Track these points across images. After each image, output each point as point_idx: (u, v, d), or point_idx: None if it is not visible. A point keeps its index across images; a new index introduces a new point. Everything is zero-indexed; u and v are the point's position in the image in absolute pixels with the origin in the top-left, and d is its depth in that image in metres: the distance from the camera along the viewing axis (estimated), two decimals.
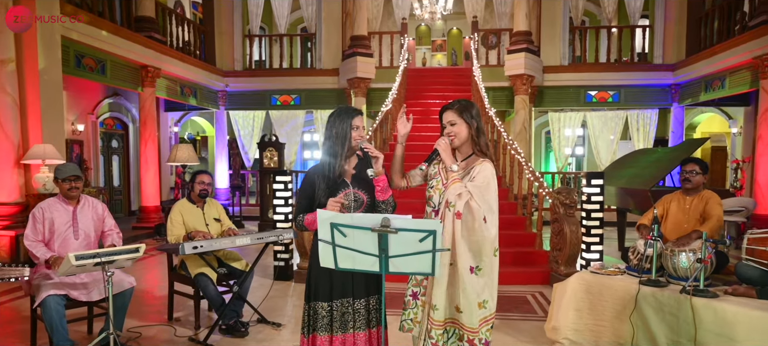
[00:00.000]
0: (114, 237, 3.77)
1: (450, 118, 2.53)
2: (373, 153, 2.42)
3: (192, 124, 15.42)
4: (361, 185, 2.47)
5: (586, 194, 5.79)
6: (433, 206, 2.53)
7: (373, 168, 2.42)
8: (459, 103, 2.56)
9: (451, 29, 17.12)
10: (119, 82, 8.74)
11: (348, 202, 2.46)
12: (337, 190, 2.47)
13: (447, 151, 2.47)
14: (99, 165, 10.58)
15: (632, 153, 8.85)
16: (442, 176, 2.54)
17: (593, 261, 5.74)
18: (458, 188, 2.36)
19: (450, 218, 2.37)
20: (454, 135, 2.50)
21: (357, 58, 10.93)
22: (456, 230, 2.37)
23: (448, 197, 2.36)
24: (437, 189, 2.53)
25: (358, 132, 2.49)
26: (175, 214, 4.20)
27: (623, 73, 11.72)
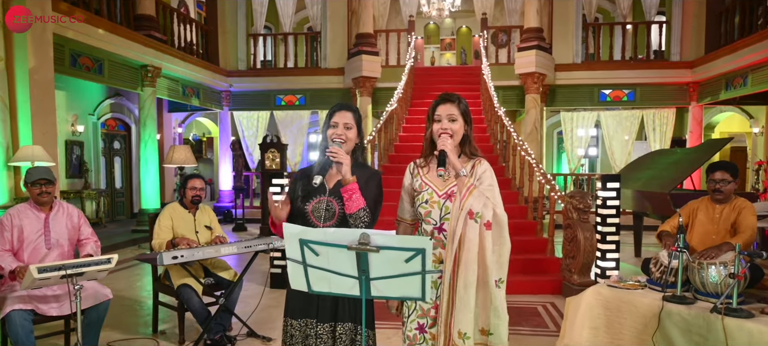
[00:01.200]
0: (91, 246, 3.50)
1: (451, 112, 2.18)
2: (336, 156, 2.09)
3: (197, 125, 15.25)
4: (340, 195, 2.15)
5: (602, 198, 5.44)
6: (433, 223, 2.17)
7: (339, 174, 2.11)
8: (459, 97, 2.24)
9: (460, 27, 16.77)
10: (118, 83, 8.52)
11: (318, 212, 2.17)
12: (312, 196, 2.19)
13: (455, 153, 2.13)
14: (100, 167, 10.39)
15: (650, 154, 8.45)
16: (434, 185, 2.20)
17: (609, 269, 5.40)
18: (481, 195, 2.04)
19: (476, 230, 2.01)
20: (453, 133, 2.16)
21: (362, 56, 10.64)
22: (487, 244, 2.03)
23: (471, 206, 2.00)
24: (434, 202, 2.17)
25: (336, 130, 2.18)
26: (164, 218, 3.93)
27: (639, 71, 11.30)
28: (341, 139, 2.18)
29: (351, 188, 2.10)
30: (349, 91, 11.57)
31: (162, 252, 3.34)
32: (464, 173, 2.07)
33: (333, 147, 2.11)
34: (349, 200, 2.10)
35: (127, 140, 11.25)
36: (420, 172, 2.27)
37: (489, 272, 2.05)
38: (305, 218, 2.19)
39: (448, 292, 2.03)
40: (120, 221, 10.64)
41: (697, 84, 11.13)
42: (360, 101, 10.97)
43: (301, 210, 2.19)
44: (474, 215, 2.01)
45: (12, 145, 5.90)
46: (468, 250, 2.01)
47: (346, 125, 2.22)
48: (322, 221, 2.18)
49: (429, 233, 2.19)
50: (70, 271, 2.84)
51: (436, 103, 2.23)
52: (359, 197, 2.11)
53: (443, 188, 2.18)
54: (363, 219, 2.11)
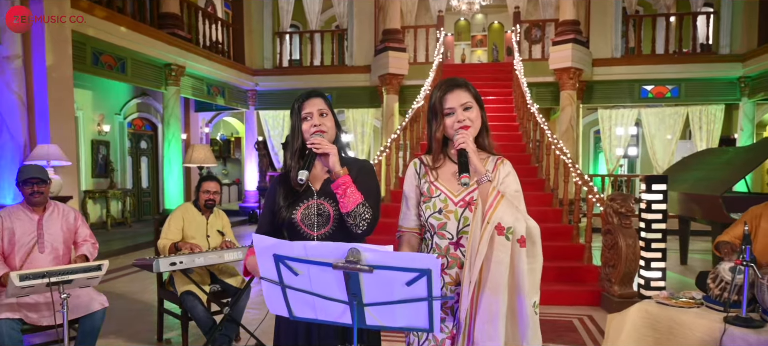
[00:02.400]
0: (88, 249, 3.28)
1: (464, 100, 1.80)
2: (321, 147, 1.77)
3: (225, 125, 15.23)
4: (332, 195, 1.82)
5: (646, 201, 4.95)
6: (449, 238, 1.81)
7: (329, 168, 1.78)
8: (466, 80, 1.88)
9: (492, 23, 16.24)
10: (141, 81, 8.44)
11: (308, 219, 1.85)
12: (299, 200, 1.87)
13: (476, 151, 1.73)
14: (127, 166, 10.39)
15: (698, 154, 7.84)
16: (448, 190, 1.83)
17: (653, 280, 4.90)
18: (510, 205, 1.67)
19: (507, 249, 1.64)
20: (472, 124, 1.78)
21: (389, 53, 10.31)
22: (522, 265, 1.66)
23: (501, 220, 1.62)
24: (450, 212, 1.80)
25: (310, 122, 1.86)
26: (174, 218, 3.68)
27: (684, 65, 10.59)
28: (321, 129, 1.85)
29: (343, 181, 1.76)
30: (375, 89, 11.27)
31: (159, 258, 3.09)
32: (488, 177, 1.68)
33: (315, 138, 1.78)
34: (343, 197, 1.76)
35: (153, 140, 11.23)
36: (429, 173, 1.89)
37: (526, 294, 1.67)
38: (295, 229, 1.87)
39: (466, 325, 1.67)
40: (146, 221, 10.61)
41: (749, 79, 10.36)
42: (386, 99, 10.65)
43: (289, 220, 1.87)
44: (505, 230, 1.63)
45: (29, 144, 5.80)
46: (496, 274, 1.63)
47: (321, 112, 1.88)
48: (316, 228, 1.85)
49: (443, 249, 1.83)
50: (56, 279, 2.61)
51: (443, 93, 1.83)
52: (355, 190, 1.77)
53: (460, 194, 1.81)
54: (364, 216, 1.77)
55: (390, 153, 6.69)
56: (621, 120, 11.57)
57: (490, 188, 1.68)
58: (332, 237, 1.85)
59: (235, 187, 15.25)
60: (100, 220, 9.52)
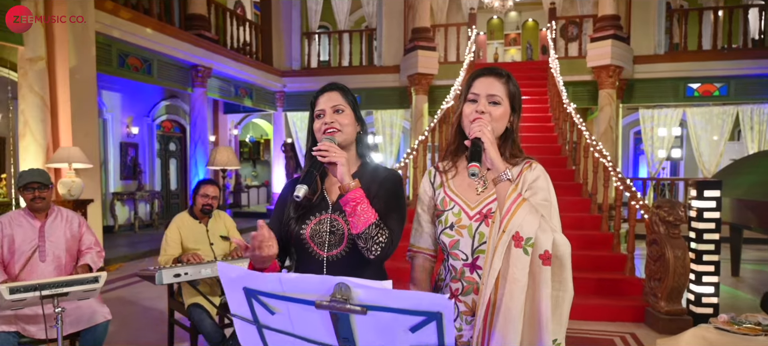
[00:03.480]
0: (92, 258, 3.11)
1: (493, 91, 1.51)
2: (326, 155, 1.46)
3: (254, 127, 15.22)
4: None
5: (696, 209, 4.50)
6: (463, 258, 1.52)
7: (339, 178, 1.48)
8: (509, 74, 1.57)
9: (526, 21, 15.74)
10: (167, 82, 8.39)
11: (319, 236, 1.58)
12: (311, 213, 1.60)
13: (494, 143, 1.43)
14: (155, 168, 10.41)
15: (752, 156, 7.26)
16: (463, 199, 1.54)
17: (705, 296, 4.45)
18: (533, 211, 1.36)
19: (525, 264, 1.32)
20: (492, 118, 1.49)
21: (418, 52, 10.01)
22: (543, 288, 1.34)
23: (520, 228, 1.33)
24: (463, 227, 1.51)
25: (322, 121, 1.59)
26: (171, 232, 3.48)
27: (734, 61, 9.89)
28: (332, 129, 1.57)
29: (353, 196, 1.47)
30: (405, 90, 10.98)
31: (162, 269, 2.88)
32: (508, 176, 1.38)
33: (321, 143, 1.49)
34: (352, 215, 1.47)
35: (182, 142, 11.24)
36: (443, 180, 1.60)
37: (545, 331, 1.35)
38: (303, 246, 1.60)
39: None
40: None
41: None
42: (415, 100, 10.36)
43: (297, 236, 1.60)
44: (523, 240, 1.33)
45: (52, 146, 5.76)
46: (510, 298, 1.33)
47: (336, 108, 1.59)
48: (327, 248, 1.58)
49: (458, 271, 1.53)
50: (48, 291, 2.43)
51: (474, 76, 1.55)
52: (367, 208, 1.48)
53: (477, 205, 1.52)
54: (377, 239, 1.48)
55: (417, 156, 6.39)
56: (664, 121, 10.94)
57: (510, 188, 1.37)
58: (345, 260, 1.58)
59: (264, 189, 15.22)
60: (127, 222, 9.55)
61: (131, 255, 7.60)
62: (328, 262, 1.58)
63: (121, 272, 6.66)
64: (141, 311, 4.92)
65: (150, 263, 7.03)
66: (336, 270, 1.57)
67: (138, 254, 7.68)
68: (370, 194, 1.54)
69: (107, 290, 5.71)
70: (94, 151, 6.11)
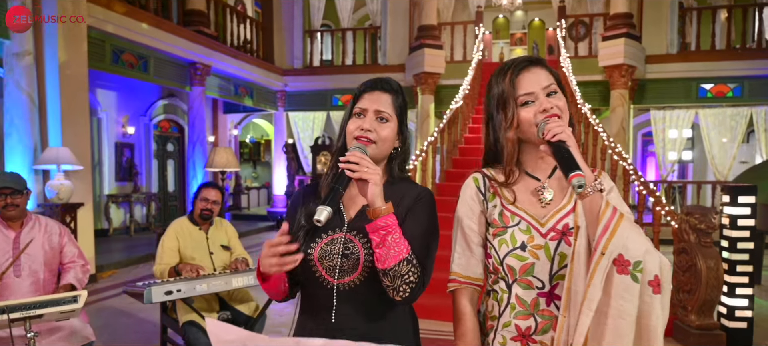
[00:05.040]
0: (75, 275, 2.80)
1: (548, 83, 1.24)
2: (357, 171, 1.19)
3: (254, 127, 14.92)
4: (366, 231, 1.24)
5: (729, 216, 4.20)
6: (538, 287, 1.23)
7: (369, 198, 1.20)
8: (543, 60, 1.30)
9: (533, 20, 15.44)
10: (164, 80, 8.09)
11: (329, 259, 1.30)
12: (320, 232, 1.32)
13: (577, 146, 1.14)
14: (152, 169, 10.10)
15: None
16: (530, 214, 1.25)
17: (739, 309, 4.15)
18: (635, 229, 1.09)
19: (634, 295, 1.06)
20: (561, 114, 1.22)
21: (424, 50, 9.70)
22: (654, 318, 1.08)
23: (624, 249, 1.06)
24: (539, 247, 1.22)
25: (362, 122, 1.30)
26: (168, 238, 3.19)
27: (748, 62, 9.59)
28: (366, 138, 1.29)
29: (384, 224, 1.19)
30: (410, 89, 10.67)
31: (152, 285, 2.57)
32: (600, 185, 1.11)
33: (351, 153, 1.21)
34: (381, 246, 1.19)
35: (180, 142, 10.94)
36: (498, 191, 1.29)
37: None
38: (309, 270, 1.32)
39: None
40: None
41: None
42: (421, 100, 10.05)
43: (304, 257, 1.31)
44: (629, 265, 1.06)
45: (40, 146, 5.45)
46: (617, 334, 1.06)
47: (380, 115, 1.31)
48: (337, 274, 1.29)
49: (529, 304, 1.23)
50: (18, 314, 2.12)
51: (515, 73, 1.25)
52: (400, 239, 1.20)
53: (547, 219, 1.23)
54: (408, 279, 1.20)
55: (426, 158, 6.08)
56: (676, 122, 10.64)
57: (603, 201, 1.09)
58: (360, 291, 1.29)
59: (265, 191, 14.92)
60: (123, 225, 9.24)
61: (126, 260, 7.29)
62: (339, 291, 1.30)
63: (115, 279, 6.34)
64: (134, 325, 4.60)
65: (146, 269, 6.72)
66: (348, 302, 1.30)
67: (133, 259, 7.37)
68: (399, 216, 1.26)
69: (99, 299, 5.40)
70: (85, 151, 5.80)
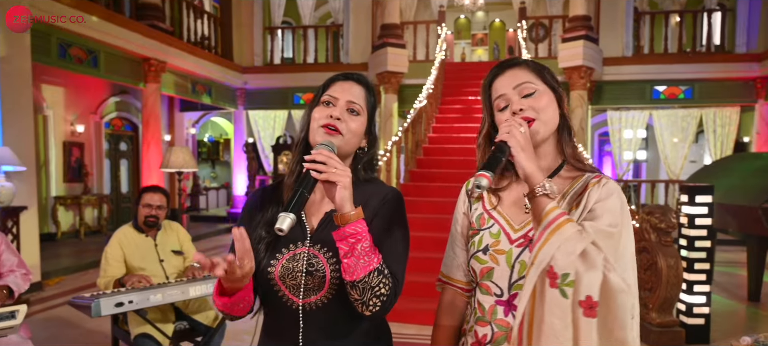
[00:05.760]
0: (15, 280, 2.57)
1: (522, 81, 1.16)
2: (324, 171, 1.07)
3: (213, 125, 14.52)
4: (333, 242, 1.13)
5: (688, 215, 4.30)
6: (495, 294, 1.16)
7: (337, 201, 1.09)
8: (528, 61, 1.23)
9: (494, 21, 15.62)
10: (116, 76, 7.72)
11: (292, 277, 1.18)
12: (281, 246, 1.20)
13: (529, 147, 1.07)
14: (104, 170, 9.64)
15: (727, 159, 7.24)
16: (506, 218, 1.18)
17: (696, 306, 4.25)
18: (578, 237, 1.00)
19: (563, 310, 0.98)
20: (537, 115, 1.13)
21: (387, 49, 9.63)
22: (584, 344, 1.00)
23: (554, 259, 0.99)
24: (501, 253, 1.15)
25: (331, 110, 1.20)
26: (111, 248, 2.97)
27: (698, 65, 9.99)
28: (335, 126, 1.18)
29: (353, 230, 1.08)
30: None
31: (100, 297, 2.38)
32: (545, 189, 1.03)
33: (317, 152, 1.09)
34: (349, 256, 1.08)
35: (134, 141, 10.49)
36: (486, 197, 1.24)
37: None
38: (271, 289, 1.20)
39: None
40: None
41: (766, 79, 9.78)
42: (385, 99, 9.97)
43: (263, 275, 1.20)
44: (557, 277, 0.98)
45: None
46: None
47: (352, 106, 1.21)
48: (302, 294, 1.17)
49: (487, 311, 1.17)
50: None
51: (491, 77, 1.21)
52: (369, 248, 1.09)
53: (523, 226, 1.16)
54: (379, 291, 1.09)
55: (390, 158, 6.01)
56: (631, 122, 10.96)
57: (548, 205, 1.02)
58: (328, 310, 1.17)
59: (224, 191, 14.53)
60: (72, 229, 8.77)
61: (76, 266, 6.90)
62: (305, 311, 1.18)
63: (63, 287, 5.99)
64: (82, 337, 4.33)
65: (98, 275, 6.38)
66: (316, 322, 1.18)
67: (84, 264, 6.99)
68: (369, 219, 1.16)
69: (45, 309, 5.07)
70: (29, 151, 5.45)
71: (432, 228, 5.23)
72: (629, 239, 1.08)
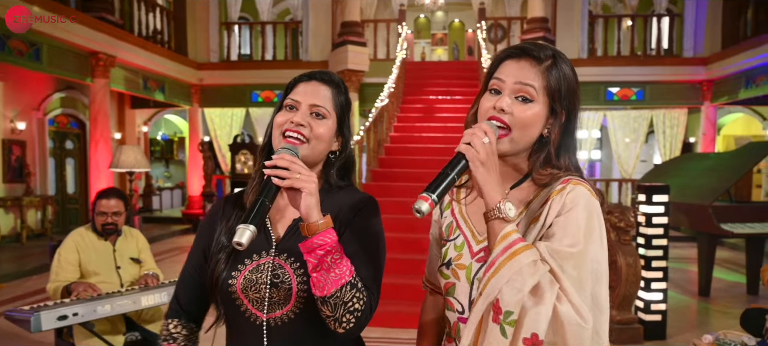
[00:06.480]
0: None
1: (528, 81, 1.03)
2: (288, 177, 0.98)
3: (166, 123, 14.00)
4: (300, 252, 1.02)
5: (645, 214, 4.40)
6: (458, 310, 1.08)
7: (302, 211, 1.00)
8: (548, 53, 1.08)
9: (453, 22, 15.75)
10: (60, 71, 7.29)
11: (255, 290, 1.08)
12: (243, 256, 1.11)
13: (490, 161, 0.97)
14: (48, 169, 9.11)
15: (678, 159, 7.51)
16: (470, 227, 1.10)
17: (654, 303, 4.35)
18: (526, 268, 0.91)
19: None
20: (513, 128, 1.03)
21: (348, 47, 9.52)
22: None
23: (501, 294, 0.91)
24: (462, 268, 1.07)
25: (294, 116, 1.11)
26: (66, 251, 2.77)
27: (649, 67, 10.38)
28: (298, 134, 1.09)
29: (321, 241, 0.99)
30: None
31: (41, 310, 2.19)
32: (501, 213, 0.95)
33: (279, 156, 1.00)
34: (319, 269, 0.99)
35: (81, 139, 9.97)
36: (455, 198, 1.16)
37: None
38: (232, 303, 1.10)
39: None
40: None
41: (712, 82, 10.24)
42: None
43: (223, 288, 1.09)
44: (501, 313, 0.90)
45: None
46: None
47: (316, 109, 1.12)
48: (267, 308, 1.08)
49: (452, 327, 1.11)
50: None
51: (504, 56, 1.09)
52: (340, 260, 1.00)
53: (484, 237, 1.06)
54: (352, 306, 1.01)
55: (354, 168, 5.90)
56: (587, 123, 11.25)
57: (504, 230, 0.94)
58: (294, 325, 1.08)
59: (179, 191, 14.04)
60: (13, 232, 8.24)
61: (17, 272, 6.48)
62: (270, 327, 1.09)
63: (2, 295, 5.60)
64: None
65: (41, 282, 5.98)
66: (282, 338, 1.09)
67: (26, 270, 6.57)
68: (339, 229, 1.09)
69: None
70: None
71: (395, 228, 5.17)
72: (598, 253, 0.97)
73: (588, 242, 0.96)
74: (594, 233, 0.98)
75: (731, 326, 4.28)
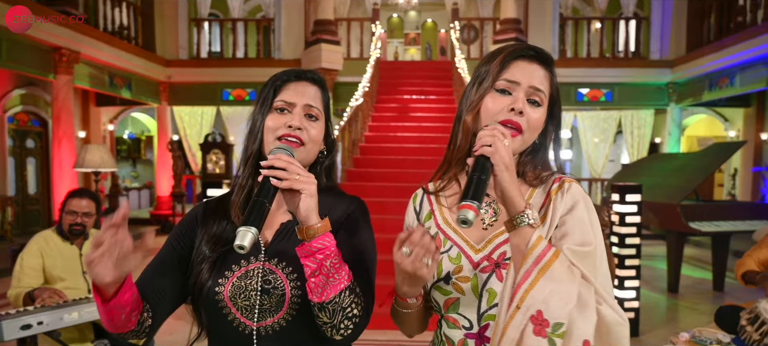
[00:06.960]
0: None
1: (540, 85, 1.04)
2: (286, 178, 0.93)
3: (133, 122, 13.61)
4: (292, 257, 1.00)
5: (618, 214, 4.47)
6: (465, 327, 1.03)
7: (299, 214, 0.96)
8: (553, 61, 1.12)
9: (426, 21, 15.79)
10: (20, 66, 6.98)
11: (245, 297, 1.03)
12: (232, 262, 1.05)
13: (513, 166, 0.94)
14: (8, 169, 8.72)
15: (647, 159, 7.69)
16: (462, 237, 1.06)
17: (627, 301, 4.43)
18: (568, 274, 0.89)
19: None
20: (525, 129, 1.02)
21: (322, 45, 9.42)
22: None
23: (544, 304, 0.88)
24: (465, 280, 1.02)
25: (285, 120, 1.06)
26: (29, 255, 2.64)
27: (618, 69, 10.63)
28: (297, 138, 1.05)
29: (321, 245, 0.94)
30: None
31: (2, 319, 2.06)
32: (529, 219, 0.92)
33: (275, 157, 0.95)
34: (317, 274, 0.94)
35: (43, 138, 9.59)
36: (435, 206, 1.12)
37: None
38: (218, 311, 1.04)
39: None
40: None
41: (677, 84, 10.54)
42: None
43: (209, 296, 1.03)
44: (548, 326, 0.87)
45: None
46: None
47: (310, 111, 1.08)
48: (257, 316, 1.03)
49: (456, 345, 1.04)
50: None
51: (510, 56, 1.05)
52: (340, 264, 0.96)
53: (484, 245, 1.04)
54: (350, 313, 0.97)
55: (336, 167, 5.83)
56: None
57: (533, 237, 0.91)
58: (286, 333, 1.03)
59: (147, 191, 13.67)
60: None
61: None
62: (260, 336, 1.03)
63: None
64: None
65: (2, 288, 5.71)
66: None
67: None
68: (336, 232, 1.04)
69: None
70: None
71: None
72: (602, 246, 1.01)
73: (596, 237, 0.99)
74: (596, 226, 1.01)
75: (701, 321, 4.40)
